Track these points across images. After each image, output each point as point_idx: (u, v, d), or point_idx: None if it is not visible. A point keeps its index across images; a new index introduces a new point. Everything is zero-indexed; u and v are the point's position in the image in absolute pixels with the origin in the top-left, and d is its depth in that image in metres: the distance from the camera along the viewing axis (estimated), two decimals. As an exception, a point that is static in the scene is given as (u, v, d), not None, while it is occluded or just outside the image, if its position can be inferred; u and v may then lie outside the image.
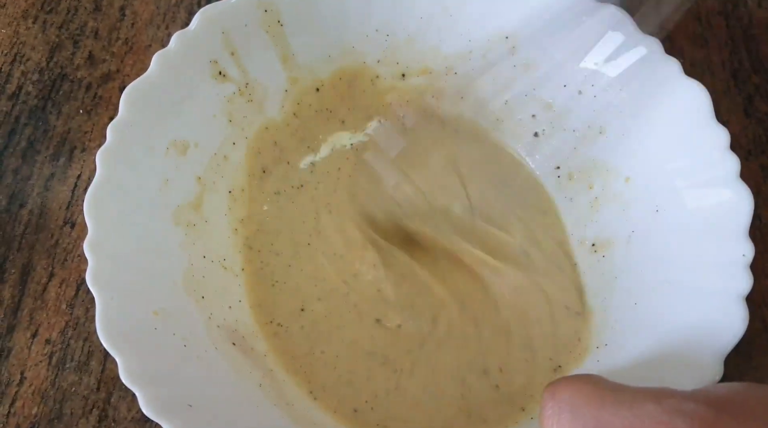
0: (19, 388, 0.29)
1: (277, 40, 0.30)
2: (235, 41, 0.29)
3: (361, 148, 0.33)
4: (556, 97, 0.31)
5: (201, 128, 0.29)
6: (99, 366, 0.29)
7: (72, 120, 0.34)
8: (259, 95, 0.31)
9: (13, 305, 0.30)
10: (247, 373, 0.26)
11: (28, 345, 0.30)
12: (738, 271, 0.24)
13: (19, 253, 0.31)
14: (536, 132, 0.32)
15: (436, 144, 0.33)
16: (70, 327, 0.30)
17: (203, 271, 0.28)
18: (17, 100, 0.35)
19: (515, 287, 0.29)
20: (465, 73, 0.32)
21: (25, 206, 0.32)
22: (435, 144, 0.33)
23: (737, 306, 0.24)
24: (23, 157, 0.33)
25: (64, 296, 0.31)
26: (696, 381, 0.23)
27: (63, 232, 0.32)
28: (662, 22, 0.28)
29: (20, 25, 0.37)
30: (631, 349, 0.26)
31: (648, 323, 0.26)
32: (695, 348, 0.24)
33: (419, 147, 0.33)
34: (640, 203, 0.29)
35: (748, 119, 0.35)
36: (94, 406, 0.29)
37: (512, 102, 0.32)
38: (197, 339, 0.25)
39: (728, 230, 0.25)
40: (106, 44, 0.37)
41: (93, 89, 0.35)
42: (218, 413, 0.23)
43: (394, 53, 0.32)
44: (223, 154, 0.30)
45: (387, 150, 0.32)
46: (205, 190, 0.29)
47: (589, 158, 0.31)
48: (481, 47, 0.32)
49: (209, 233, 0.29)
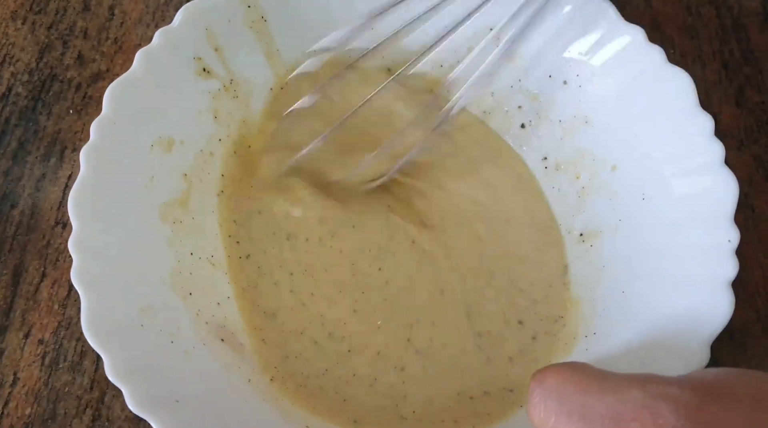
0: (12, 389, 0.29)
1: (261, 36, 0.30)
2: (218, 37, 0.29)
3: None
4: (541, 88, 0.31)
5: (186, 125, 0.29)
6: (92, 366, 0.29)
7: (62, 120, 0.35)
8: (244, 92, 0.31)
9: (6, 306, 0.30)
10: (236, 369, 0.26)
11: (21, 346, 0.30)
12: (724, 257, 0.24)
13: (10, 254, 0.31)
14: (523, 123, 0.32)
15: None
16: (62, 327, 0.30)
17: (191, 268, 0.28)
18: (7, 101, 0.35)
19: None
20: (450, 65, 0.32)
21: (16, 206, 0.32)
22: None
23: (724, 292, 0.24)
24: (14, 158, 0.34)
25: (57, 296, 0.31)
26: (684, 367, 0.23)
27: (54, 232, 0.32)
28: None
29: (9, 26, 0.37)
30: (619, 337, 0.26)
31: (635, 311, 0.26)
32: (682, 335, 0.24)
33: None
34: (627, 191, 0.29)
35: (740, 109, 0.35)
36: (87, 406, 0.29)
37: (498, 94, 0.32)
38: (185, 335, 0.25)
39: (714, 216, 0.25)
40: (95, 44, 0.37)
41: (83, 89, 0.35)
42: (206, 409, 0.24)
43: (380, 48, 0.32)
44: (209, 150, 0.30)
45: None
46: (192, 187, 0.29)
47: (575, 148, 0.31)
48: (467, 40, 0.32)
49: (197, 230, 0.29)
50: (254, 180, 0.31)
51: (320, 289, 0.29)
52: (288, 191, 0.31)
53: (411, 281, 0.30)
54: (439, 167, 0.32)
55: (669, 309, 0.25)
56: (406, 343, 0.29)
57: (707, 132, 0.26)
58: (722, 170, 0.25)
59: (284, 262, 0.30)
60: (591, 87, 0.30)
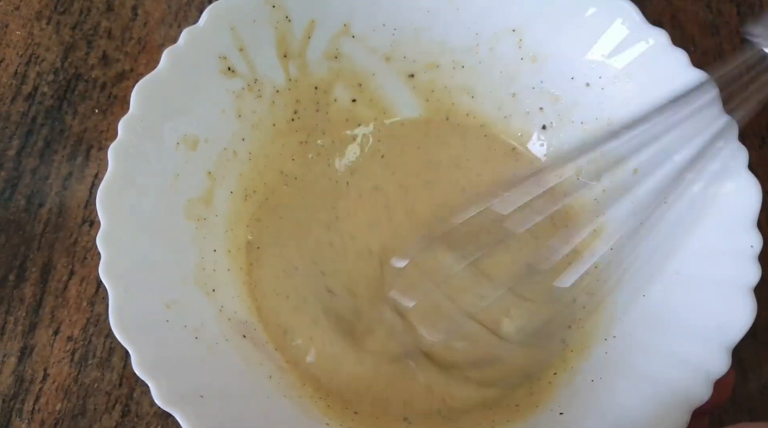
0: (42, 385, 0.29)
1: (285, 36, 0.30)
2: (243, 37, 0.29)
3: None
4: (563, 89, 0.31)
5: (210, 123, 0.29)
6: (121, 362, 0.30)
7: (88, 119, 0.35)
8: (268, 91, 0.31)
9: (35, 304, 0.31)
10: (257, 365, 0.27)
11: (51, 343, 0.30)
12: (746, 262, 0.24)
13: (39, 252, 0.32)
14: (544, 125, 0.32)
15: (440, 141, 0.33)
16: (91, 323, 0.31)
17: (214, 264, 0.28)
18: (33, 101, 0.36)
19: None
20: (472, 66, 0.32)
21: (44, 205, 0.33)
22: (439, 141, 0.33)
23: (745, 298, 0.24)
24: (41, 157, 0.34)
25: (85, 293, 0.31)
26: (704, 373, 0.23)
27: (82, 230, 0.32)
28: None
29: (34, 27, 0.37)
30: (638, 341, 0.26)
31: (655, 315, 0.26)
32: (702, 340, 0.24)
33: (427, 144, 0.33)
34: (648, 194, 0.28)
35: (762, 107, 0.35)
36: (117, 401, 0.29)
37: (520, 95, 0.32)
38: (208, 331, 0.26)
39: (736, 221, 0.25)
40: (119, 44, 0.37)
41: (108, 89, 0.36)
42: (229, 403, 0.24)
43: (402, 48, 0.32)
44: (233, 149, 0.30)
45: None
46: (216, 184, 0.29)
47: (597, 150, 0.30)
48: (488, 40, 0.32)
49: (220, 227, 0.29)
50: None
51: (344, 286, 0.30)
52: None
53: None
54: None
55: (690, 313, 0.25)
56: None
57: (731, 136, 0.26)
58: (746, 174, 0.25)
59: (309, 259, 0.30)
60: (613, 90, 0.30)
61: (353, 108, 0.33)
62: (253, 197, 0.31)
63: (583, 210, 0.31)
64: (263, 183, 0.31)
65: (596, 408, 0.25)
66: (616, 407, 0.24)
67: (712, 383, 0.23)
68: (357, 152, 0.33)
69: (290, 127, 0.32)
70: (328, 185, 0.32)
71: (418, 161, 0.33)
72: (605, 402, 0.25)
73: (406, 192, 0.32)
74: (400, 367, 0.28)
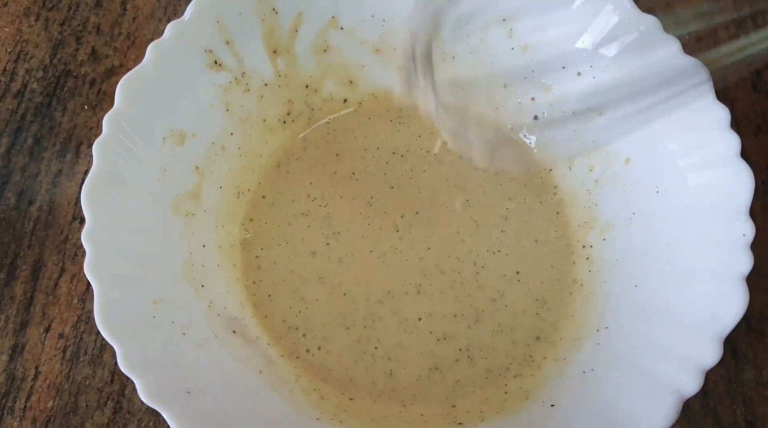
0: (34, 382, 0.29)
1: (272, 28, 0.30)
2: (230, 30, 0.29)
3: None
4: (555, 79, 0.31)
5: (198, 118, 0.29)
6: (112, 359, 0.30)
7: (77, 116, 0.35)
8: (256, 84, 0.31)
9: (26, 301, 0.31)
10: (246, 360, 0.26)
11: (42, 340, 0.30)
12: (738, 251, 0.24)
13: (29, 249, 0.32)
14: (536, 115, 0.32)
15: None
16: (82, 321, 0.30)
17: (203, 260, 0.28)
18: (22, 98, 0.35)
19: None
20: (462, 57, 0.32)
21: (34, 203, 0.33)
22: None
23: (737, 287, 0.23)
24: (30, 154, 0.34)
25: (76, 290, 0.31)
26: (696, 363, 0.23)
27: (72, 228, 0.32)
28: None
29: (23, 23, 0.37)
30: (630, 332, 0.26)
31: (648, 305, 0.26)
32: (695, 330, 0.23)
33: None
34: (640, 184, 0.28)
35: (757, 94, 0.35)
36: (108, 398, 0.29)
37: (511, 85, 0.32)
38: (197, 327, 0.26)
39: (729, 209, 0.25)
40: (108, 39, 0.37)
41: (97, 85, 0.36)
42: (217, 400, 0.24)
43: (391, 39, 0.32)
44: (221, 144, 0.30)
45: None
46: (204, 179, 0.29)
47: (589, 140, 0.30)
48: (479, 31, 0.31)
49: (208, 223, 0.29)
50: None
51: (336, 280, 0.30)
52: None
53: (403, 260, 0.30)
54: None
55: (682, 304, 0.25)
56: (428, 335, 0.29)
57: (723, 124, 0.25)
58: (738, 162, 0.25)
59: (297, 254, 0.30)
60: (605, 78, 0.29)
61: (344, 104, 0.33)
62: (246, 194, 0.31)
63: (574, 200, 0.31)
64: (257, 181, 0.31)
65: (588, 400, 0.24)
66: (608, 399, 0.24)
67: (704, 374, 0.22)
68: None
69: (281, 124, 0.32)
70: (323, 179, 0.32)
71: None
72: (597, 394, 0.24)
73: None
74: (400, 352, 0.28)
